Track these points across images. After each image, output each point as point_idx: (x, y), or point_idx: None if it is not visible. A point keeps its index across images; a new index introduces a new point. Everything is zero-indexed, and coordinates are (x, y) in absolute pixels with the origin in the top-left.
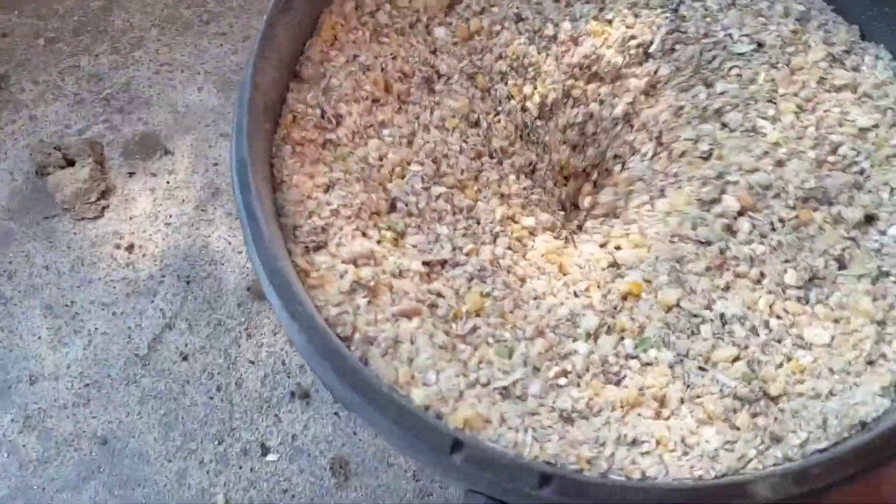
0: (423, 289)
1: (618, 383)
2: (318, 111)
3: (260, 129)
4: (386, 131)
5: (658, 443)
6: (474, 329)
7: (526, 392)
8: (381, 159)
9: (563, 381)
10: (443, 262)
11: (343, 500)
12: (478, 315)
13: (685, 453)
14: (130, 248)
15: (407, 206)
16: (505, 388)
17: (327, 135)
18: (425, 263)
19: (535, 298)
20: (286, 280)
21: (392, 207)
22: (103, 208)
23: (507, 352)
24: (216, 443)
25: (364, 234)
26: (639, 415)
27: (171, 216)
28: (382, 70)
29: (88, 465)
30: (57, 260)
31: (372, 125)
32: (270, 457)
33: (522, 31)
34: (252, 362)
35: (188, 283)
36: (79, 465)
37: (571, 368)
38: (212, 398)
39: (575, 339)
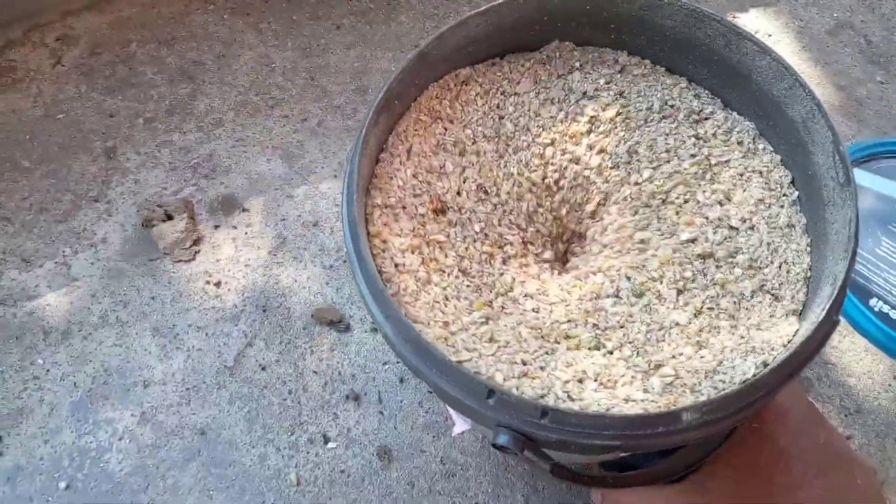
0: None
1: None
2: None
3: (360, 202)
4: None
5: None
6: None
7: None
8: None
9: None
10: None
11: (387, 479)
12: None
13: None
14: (218, 284)
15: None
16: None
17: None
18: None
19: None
20: (384, 297)
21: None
22: (196, 253)
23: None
24: (289, 434)
25: (423, 263)
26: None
27: (249, 259)
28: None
29: (190, 449)
30: (160, 293)
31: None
32: (331, 445)
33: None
34: (315, 372)
35: (264, 311)
36: (183, 450)
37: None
38: (284, 399)
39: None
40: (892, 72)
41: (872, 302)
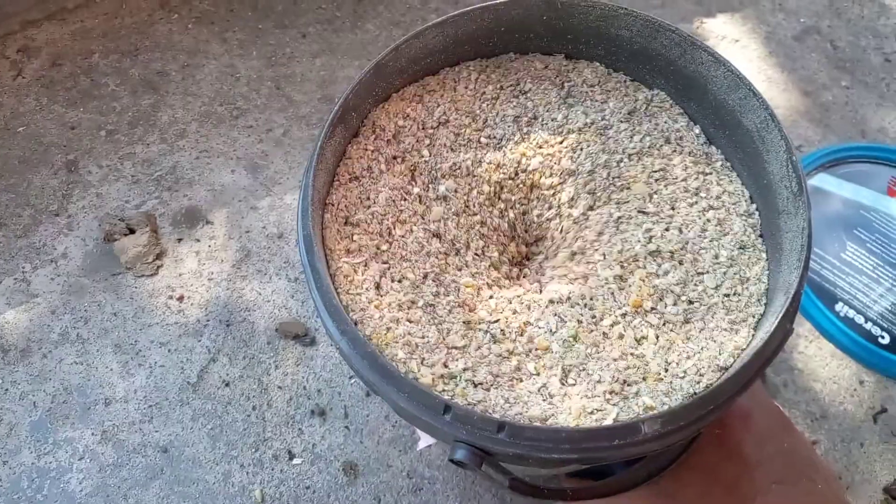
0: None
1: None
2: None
3: (316, 215)
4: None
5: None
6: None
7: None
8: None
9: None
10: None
11: (353, 495)
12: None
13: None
14: (181, 298)
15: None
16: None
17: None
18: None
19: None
20: (339, 312)
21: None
22: (158, 267)
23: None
24: (253, 450)
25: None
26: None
27: (213, 273)
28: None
29: (153, 468)
30: (122, 308)
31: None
32: (296, 461)
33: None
34: (280, 387)
35: (228, 325)
36: (146, 469)
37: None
38: (248, 416)
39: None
40: (858, 77)
41: (838, 307)
